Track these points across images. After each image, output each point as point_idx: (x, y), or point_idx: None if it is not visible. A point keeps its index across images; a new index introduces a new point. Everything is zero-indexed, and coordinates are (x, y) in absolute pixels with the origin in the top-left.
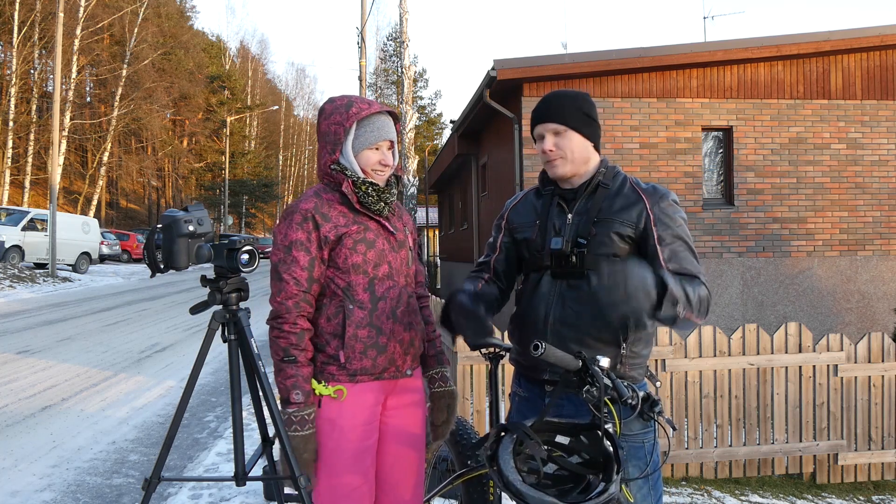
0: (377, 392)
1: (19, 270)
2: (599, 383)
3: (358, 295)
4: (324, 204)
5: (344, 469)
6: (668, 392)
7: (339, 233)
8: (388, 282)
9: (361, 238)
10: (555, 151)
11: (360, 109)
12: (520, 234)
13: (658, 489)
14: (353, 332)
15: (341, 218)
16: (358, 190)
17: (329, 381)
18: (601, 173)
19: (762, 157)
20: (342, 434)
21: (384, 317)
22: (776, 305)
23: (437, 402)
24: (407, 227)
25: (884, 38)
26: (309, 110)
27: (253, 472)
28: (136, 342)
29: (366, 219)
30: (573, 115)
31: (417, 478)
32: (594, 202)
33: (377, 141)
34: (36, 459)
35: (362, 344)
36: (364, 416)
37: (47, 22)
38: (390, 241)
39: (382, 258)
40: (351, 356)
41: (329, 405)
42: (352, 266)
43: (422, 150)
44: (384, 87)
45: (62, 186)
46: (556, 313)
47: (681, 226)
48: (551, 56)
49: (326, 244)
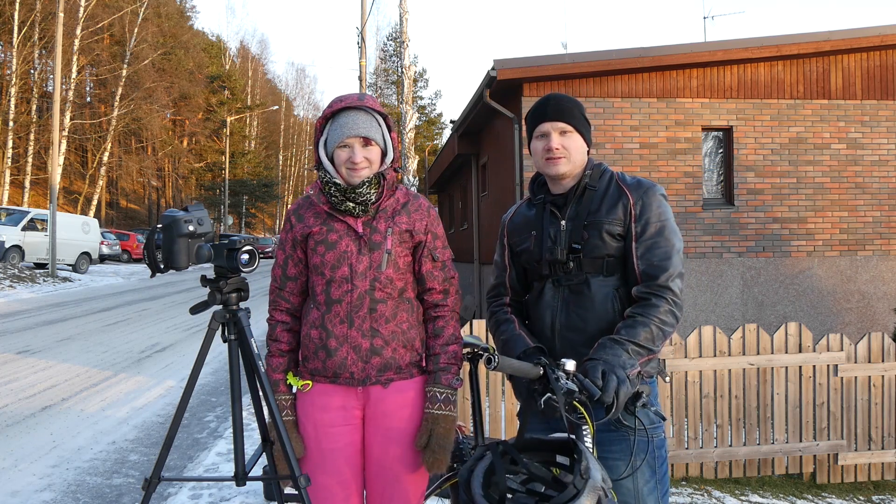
0: (343, 396)
1: (19, 270)
2: (558, 392)
3: (316, 295)
4: (306, 205)
5: (314, 468)
6: (668, 392)
7: (304, 233)
8: (347, 285)
9: (323, 239)
10: (560, 150)
11: (331, 107)
12: (518, 247)
13: (665, 483)
14: (306, 332)
15: (312, 218)
16: (325, 190)
17: (299, 376)
18: (587, 175)
19: (762, 157)
20: (306, 433)
21: (337, 320)
22: (776, 305)
23: (420, 425)
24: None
25: (884, 38)
26: (309, 110)
27: (253, 472)
28: (137, 342)
29: (334, 220)
30: (578, 116)
31: (413, 484)
32: (583, 206)
33: (342, 138)
34: (36, 459)
35: (314, 344)
36: (329, 417)
37: (47, 22)
38: (359, 243)
39: (343, 260)
40: (306, 354)
41: (299, 404)
42: (312, 266)
43: (422, 150)
44: (384, 87)
45: (62, 186)
46: (562, 319)
47: (662, 220)
48: (551, 56)
49: (297, 244)
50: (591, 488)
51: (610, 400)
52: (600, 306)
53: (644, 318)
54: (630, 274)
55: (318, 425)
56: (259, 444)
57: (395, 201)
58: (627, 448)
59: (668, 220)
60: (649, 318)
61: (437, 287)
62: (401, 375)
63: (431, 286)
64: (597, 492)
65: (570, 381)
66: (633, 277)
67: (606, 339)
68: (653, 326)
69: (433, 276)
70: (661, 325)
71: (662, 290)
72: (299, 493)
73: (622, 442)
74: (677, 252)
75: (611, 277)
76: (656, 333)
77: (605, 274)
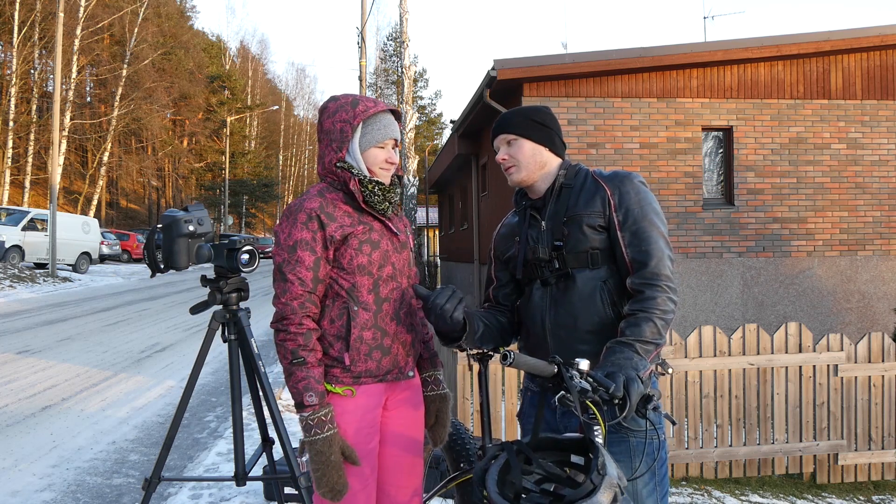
0: (379, 395)
1: (19, 270)
2: (573, 391)
3: (363, 296)
4: (328, 203)
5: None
6: (669, 392)
7: (344, 233)
8: (392, 283)
9: (367, 238)
10: (508, 160)
11: (366, 107)
12: (505, 255)
13: (665, 485)
14: (358, 334)
15: (346, 218)
16: (364, 189)
17: (334, 383)
18: (562, 175)
19: (762, 157)
20: (347, 438)
21: (388, 318)
22: (776, 305)
23: (428, 406)
24: (407, 228)
25: (884, 38)
26: (309, 110)
27: (253, 472)
28: (137, 342)
29: (370, 219)
30: (521, 123)
31: (416, 479)
32: (561, 204)
33: (384, 139)
34: (36, 459)
35: (367, 346)
36: (366, 419)
37: (47, 22)
38: (394, 241)
39: (387, 259)
40: (356, 358)
41: (338, 411)
42: (357, 267)
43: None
44: (384, 87)
45: (62, 186)
46: (552, 317)
47: (643, 205)
48: (551, 56)
49: (332, 244)
50: (607, 484)
51: (621, 393)
52: (589, 300)
53: (645, 314)
54: (621, 265)
55: (358, 429)
56: (259, 444)
57: None
58: (628, 449)
59: (649, 205)
60: (650, 312)
61: (416, 282)
62: (414, 364)
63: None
64: (613, 488)
65: (583, 381)
66: (623, 268)
67: (613, 342)
68: (655, 320)
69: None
70: (662, 315)
71: (655, 277)
72: (299, 493)
73: (623, 443)
74: (662, 235)
75: (597, 270)
76: (661, 326)
77: (591, 267)
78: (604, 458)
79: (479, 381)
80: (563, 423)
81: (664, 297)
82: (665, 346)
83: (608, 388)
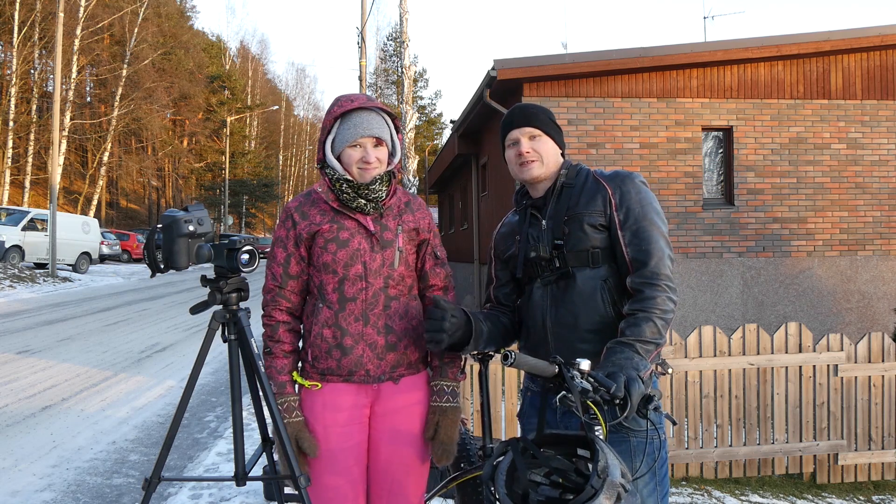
0: (355, 394)
1: (19, 270)
2: (574, 391)
3: (328, 294)
4: (309, 202)
5: (323, 469)
6: (669, 392)
7: (311, 231)
8: (361, 283)
9: (333, 237)
10: (531, 153)
11: (341, 106)
12: (506, 254)
13: (665, 485)
14: (318, 331)
15: (319, 216)
16: (333, 187)
17: (304, 375)
18: (563, 174)
19: (762, 157)
20: (316, 433)
21: (352, 318)
22: (776, 305)
23: (428, 417)
24: (403, 227)
25: (884, 38)
26: (309, 110)
27: (253, 472)
28: (137, 342)
29: (344, 218)
30: (545, 120)
31: (414, 484)
32: (562, 203)
33: (355, 138)
34: (36, 459)
35: (327, 344)
36: (342, 417)
37: (47, 22)
38: (371, 240)
39: (356, 258)
40: (317, 355)
41: (307, 405)
42: (322, 265)
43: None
44: (384, 87)
45: (62, 186)
46: (552, 316)
47: (644, 204)
48: (551, 56)
49: (301, 242)
50: (609, 486)
51: (622, 393)
52: (589, 299)
53: (645, 314)
54: (621, 264)
55: (327, 426)
56: (259, 444)
57: (398, 200)
58: (629, 449)
59: (649, 204)
60: (650, 311)
61: (440, 284)
62: (410, 371)
63: (434, 283)
64: (615, 489)
65: (584, 381)
66: (623, 267)
67: (613, 342)
68: (655, 319)
69: (436, 274)
70: (662, 315)
71: (655, 276)
72: (299, 493)
73: (623, 443)
74: (663, 235)
75: (597, 269)
76: (661, 325)
77: (591, 266)
78: (606, 459)
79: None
80: (563, 423)
81: (664, 297)
82: (665, 346)
83: (609, 389)
